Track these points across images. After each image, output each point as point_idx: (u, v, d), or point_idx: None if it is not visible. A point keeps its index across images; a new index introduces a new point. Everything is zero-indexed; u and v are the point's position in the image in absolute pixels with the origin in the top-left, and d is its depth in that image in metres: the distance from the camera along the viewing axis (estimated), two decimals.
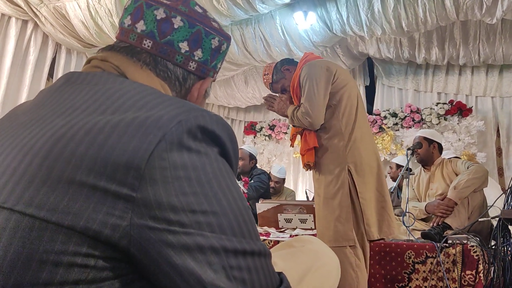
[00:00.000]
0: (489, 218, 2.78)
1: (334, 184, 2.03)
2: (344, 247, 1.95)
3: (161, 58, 0.73)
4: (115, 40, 0.77)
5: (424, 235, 2.48)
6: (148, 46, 0.72)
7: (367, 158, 2.07)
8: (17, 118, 0.63)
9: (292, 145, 2.54)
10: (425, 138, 3.27)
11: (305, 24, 4.47)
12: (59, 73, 5.19)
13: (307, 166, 2.18)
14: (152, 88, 0.65)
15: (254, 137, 7.04)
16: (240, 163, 4.34)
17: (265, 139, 6.93)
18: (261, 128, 6.97)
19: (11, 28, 4.60)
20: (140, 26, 0.73)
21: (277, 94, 2.34)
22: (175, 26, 0.73)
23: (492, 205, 2.71)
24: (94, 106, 0.59)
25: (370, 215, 2.00)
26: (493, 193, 3.37)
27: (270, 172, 4.67)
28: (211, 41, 0.77)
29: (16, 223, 0.50)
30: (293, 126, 2.26)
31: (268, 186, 4.34)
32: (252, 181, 4.17)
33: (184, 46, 0.74)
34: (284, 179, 4.75)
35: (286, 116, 2.27)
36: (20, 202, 0.51)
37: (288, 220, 3.01)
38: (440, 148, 3.31)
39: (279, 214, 3.03)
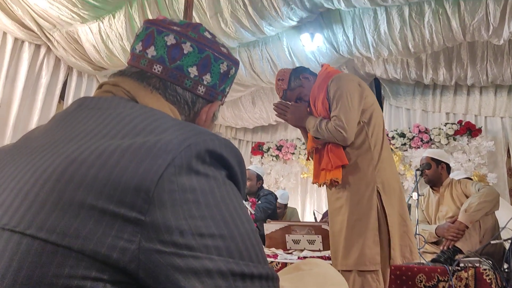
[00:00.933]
0: (502, 241, 2.72)
1: (364, 205, 1.95)
2: (369, 272, 1.88)
3: (170, 82, 0.74)
4: (125, 63, 0.80)
5: (434, 261, 2.43)
6: (158, 71, 0.74)
7: (392, 180, 2.03)
8: (31, 143, 0.64)
9: (308, 159, 2.41)
10: (433, 159, 3.23)
11: (312, 45, 4.52)
12: (70, 95, 5.27)
13: (333, 183, 2.05)
14: (162, 113, 0.67)
15: (262, 158, 7.04)
16: (247, 183, 4.33)
17: (272, 159, 6.93)
18: (269, 148, 6.97)
19: (24, 52, 4.71)
20: (151, 51, 0.75)
21: (289, 102, 2.23)
22: (185, 52, 0.75)
23: (505, 227, 2.67)
24: (105, 131, 0.60)
25: (395, 239, 1.94)
26: (505, 214, 3.31)
27: None
28: (220, 65, 0.79)
29: (28, 247, 0.51)
30: (316, 138, 2.13)
31: (275, 207, 4.32)
32: (259, 202, 4.16)
33: (193, 71, 0.75)
34: (285, 205, 4.73)
35: (299, 127, 2.21)
36: (31, 226, 0.51)
37: (296, 241, 2.98)
38: (448, 169, 3.27)
39: (287, 235, 3.01)
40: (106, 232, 0.50)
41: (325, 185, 2.13)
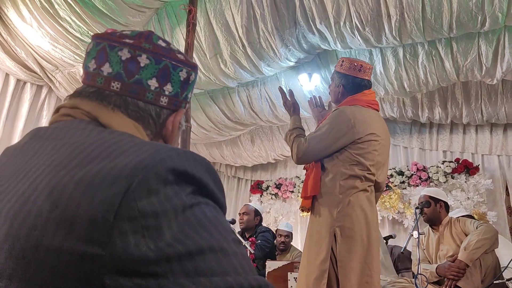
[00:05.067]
0: (505, 280, 2.68)
1: (320, 245, 1.99)
2: None
3: (131, 98, 0.71)
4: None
5: None
6: (117, 88, 0.70)
7: (359, 226, 1.98)
8: None
9: (304, 168, 2.41)
10: (431, 197, 3.22)
11: (310, 85, 4.60)
12: None
13: (304, 210, 2.16)
14: (119, 135, 0.63)
15: (261, 196, 7.01)
16: (245, 217, 4.34)
17: (271, 198, 6.89)
18: (268, 187, 6.96)
19: (25, 93, 4.78)
20: (106, 68, 0.71)
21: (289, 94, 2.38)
22: (142, 65, 0.71)
23: (507, 267, 2.63)
24: (58, 161, 0.57)
25: (349, 286, 1.88)
26: (507, 254, 3.28)
27: (277, 229, 4.66)
28: (179, 73, 0.76)
29: None
30: (285, 140, 2.28)
31: (273, 245, 4.29)
32: (258, 240, 4.13)
33: (153, 83, 0.72)
34: (291, 233, 4.71)
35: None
36: None
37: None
38: (447, 207, 3.25)
39: (289, 273, 2.96)
40: (66, 273, 0.48)
41: None
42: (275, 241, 4.45)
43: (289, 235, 4.62)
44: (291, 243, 4.82)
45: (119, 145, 0.58)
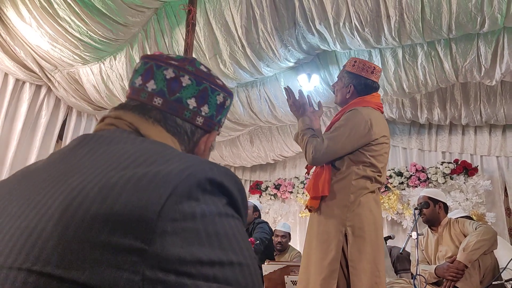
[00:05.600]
0: (504, 281, 2.69)
1: (329, 244, 1.97)
2: None
3: (170, 114, 0.77)
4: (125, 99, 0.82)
5: None
6: (159, 103, 0.77)
7: (368, 226, 1.98)
8: (31, 179, 0.65)
9: (308, 173, 2.42)
10: (430, 198, 3.22)
11: (309, 85, 4.60)
12: (68, 135, 5.30)
13: (310, 209, 2.13)
14: (163, 145, 0.69)
15: (260, 196, 7.01)
16: None
17: (270, 198, 6.89)
18: (267, 187, 6.96)
19: (24, 93, 4.77)
20: (151, 85, 0.78)
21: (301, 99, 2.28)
22: (184, 84, 0.78)
23: (505, 268, 2.63)
24: (107, 164, 0.61)
25: (360, 287, 1.88)
26: (505, 255, 3.28)
27: (275, 229, 4.67)
28: (217, 97, 0.82)
29: (34, 284, 0.51)
30: (295, 141, 2.22)
31: (271, 235, 4.34)
32: (255, 230, 4.19)
33: (192, 103, 0.78)
34: (289, 234, 4.72)
35: (297, 118, 2.25)
36: (37, 263, 0.52)
37: (295, 283, 2.93)
38: (446, 208, 3.25)
39: (285, 276, 2.96)
40: (110, 264, 0.51)
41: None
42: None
43: (286, 235, 4.63)
44: (290, 243, 4.83)
45: (163, 154, 0.64)
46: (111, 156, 0.63)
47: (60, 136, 5.28)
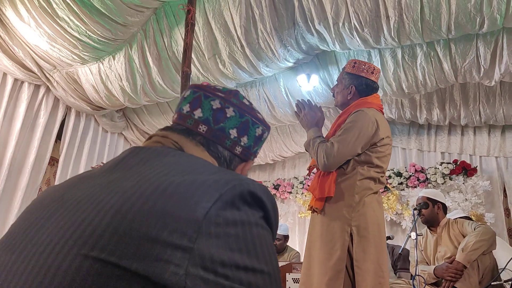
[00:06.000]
0: (502, 282, 2.68)
1: (334, 244, 1.96)
2: None
3: (213, 141, 0.84)
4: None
5: None
6: (203, 130, 0.84)
7: (372, 226, 1.99)
8: (86, 182, 0.72)
9: (309, 174, 2.43)
10: (429, 198, 3.22)
11: (308, 86, 4.60)
12: (67, 135, 5.29)
13: (314, 210, 2.10)
14: (207, 161, 0.77)
15: None
16: None
17: None
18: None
19: (23, 93, 4.75)
20: (198, 113, 0.85)
21: (310, 106, 2.28)
22: (228, 115, 0.85)
23: (504, 268, 2.63)
24: (158, 171, 0.68)
25: (365, 287, 1.88)
26: (504, 255, 3.28)
27: None
28: (256, 129, 0.89)
29: (89, 268, 0.56)
30: (306, 150, 2.21)
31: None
32: None
33: (233, 133, 0.86)
34: (286, 236, 4.71)
35: (306, 131, 2.24)
36: (94, 249, 0.57)
37: (297, 280, 2.93)
38: (445, 209, 3.25)
39: (287, 274, 2.96)
40: (159, 257, 0.56)
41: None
42: None
43: (281, 238, 4.62)
44: (288, 243, 4.82)
45: (210, 167, 0.72)
46: (161, 165, 0.70)
47: (59, 136, 5.27)
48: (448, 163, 5.45)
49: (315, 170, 2.25)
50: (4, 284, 0.60)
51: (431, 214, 3.17)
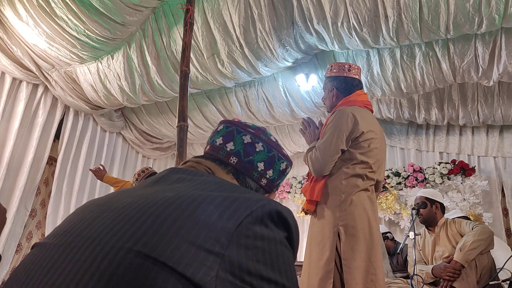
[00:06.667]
0: (500, 281, 2.69)
1: (324, 245, 1.98)
2: None
3: (242, 172, 0.92)
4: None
5: None
6: (234, 162, 0.92)
7: (361, 224, 1.98)
8: (127, 193, 0.79)
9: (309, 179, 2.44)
10: (427, 198, 3.22)
11: (307, 85, 4.60)
12: (65, 134, 5.28)
13: (308, 212, 2.14)
14: (238, 184, 0.88)
15: None
16: None
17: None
18: None
19: (21, 92, 4.74)
20: (230, 146, 0.94)
21: (316, 122, 2.31)
22: (257, 150, 0.94)
23: (502, 268, 2.64)
24: (195, 187, 0.77)
25: (357, 285, 1.87)
26: (502, 255, 3.29)
27: None
28: (281, 164, 0.97)
29: (131, 260, 0.62)
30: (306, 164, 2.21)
31: None
32: None
33: (261, 166, 0.93)
34: None
35: None
36: (137, 244, 0.63)
37: None
38: (443, 209, 3.25)
39: None
40: (194, 258, 0.62)
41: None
42: None
43: None
44: None
45: (242, 188, 0.81)
46: (198, 183, 0.79)
47: (57, 136, 5.26)
48: (446, 163, 5.46)
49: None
50: (51, 271, 0.65)
51: (429, 213, 3.17)
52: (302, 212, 2.19)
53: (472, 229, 2.88)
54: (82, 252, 0.65)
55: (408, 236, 2.87)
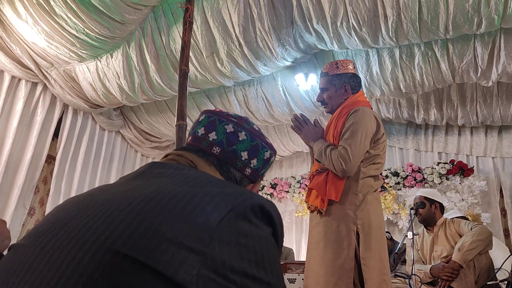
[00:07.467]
0: (498, 282, 2.69)
1: (341, 243, 1.94)
2: None
3: (225, 162, 0.90)
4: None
5: None
6: (217, 152, 0.90)
7: (375, 223, 1.99)
8: (107, 189, 0.78)
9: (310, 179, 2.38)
10: (426, 198, 3.23)
11: (306, 85, 4.60)
12: (64, 133, 5.27)
13: (317, 211, 2.07)
14: (220, 178, 0.83)
15: None
16: None
17: (267, 197, 6.88)
18: (263, 186, 6.95)
19: (20, 90, 4.72)
20: (212, 135, 0.91)
21: (311, 120, 2.28)
22: (240, 139, 0.91)
23: (500, 268, 2.64)
24: (176, 182, 0.74)
25: (373, 285, 1.88)
26: (500, 255, 3.30)
27: None
28: (265, 153, 0.95)
29: (110, 260, 0.60)
30: (317, 161, 2.14)
31: None
32: None
33: (244, 155, 0.91)
34: None
35: (309, 146, 2.21)
36: (115, 244, 0.61)
37: (292, 280, 2.93)
38: (442, 208, 3.26)
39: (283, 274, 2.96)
40: (174, 256, 0.60)
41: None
42: None
43: None
44: (284, 242, 4.82)
45: (223, 182, 0.78)
46: (178, 177, 0.76)
47: (56, 134, 5.25)
48: (445, 163, 5.47)
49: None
50: (27, 274, 0.64)
51: (428, 213, 3.17)
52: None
53: (471, 229, 2.88)
54: (59, 254, 0.63)
55: (407, 236, 2.87)
